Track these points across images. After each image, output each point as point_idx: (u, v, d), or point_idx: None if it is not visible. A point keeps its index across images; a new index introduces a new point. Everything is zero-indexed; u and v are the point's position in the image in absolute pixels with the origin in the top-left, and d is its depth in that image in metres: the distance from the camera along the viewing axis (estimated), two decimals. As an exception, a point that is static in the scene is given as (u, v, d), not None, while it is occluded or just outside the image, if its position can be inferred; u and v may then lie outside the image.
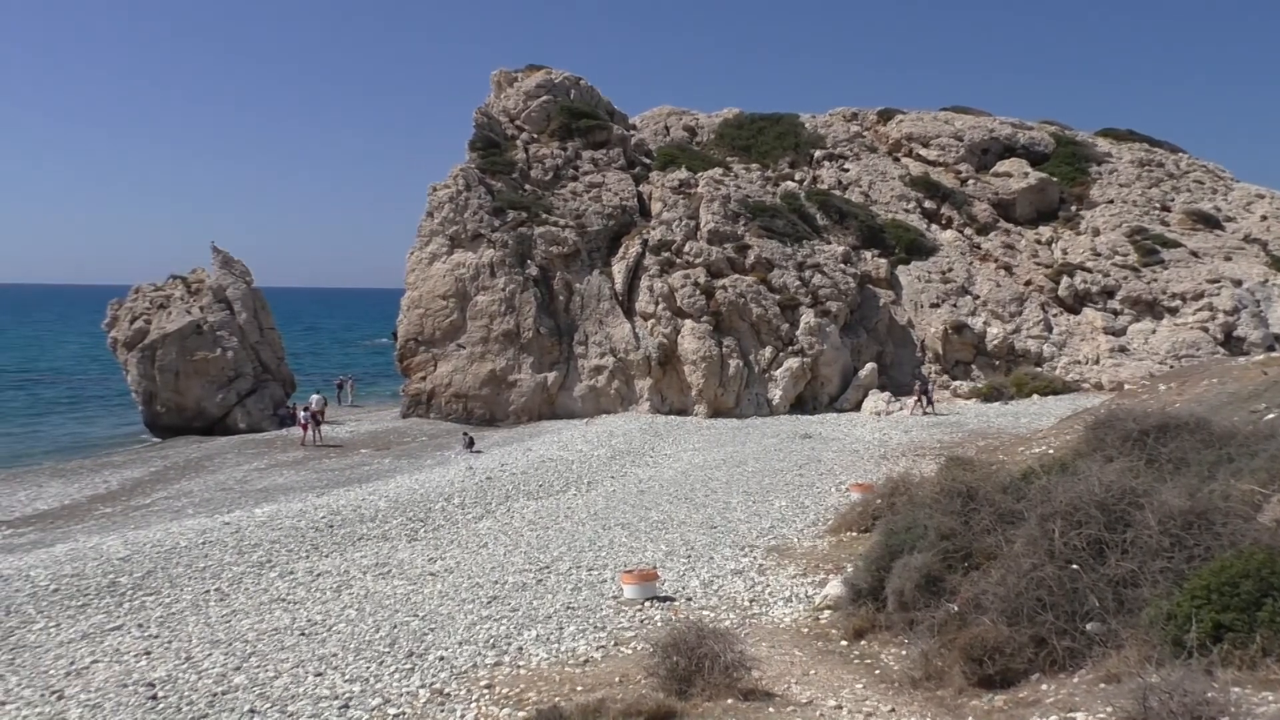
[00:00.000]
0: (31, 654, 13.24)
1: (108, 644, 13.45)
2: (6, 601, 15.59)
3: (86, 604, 15.50)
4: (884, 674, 10.47)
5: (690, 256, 40.72)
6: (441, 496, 23.56)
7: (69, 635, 14.00)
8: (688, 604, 13.78)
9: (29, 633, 14.20)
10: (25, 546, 21.33)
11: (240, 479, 30.21)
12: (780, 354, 39.14)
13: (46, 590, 16.19)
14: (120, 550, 18.85)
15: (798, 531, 18.22)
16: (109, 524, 23.94)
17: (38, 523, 25.02)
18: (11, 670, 12.57)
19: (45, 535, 22.93)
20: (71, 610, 15.21)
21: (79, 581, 16.64)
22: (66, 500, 27.58)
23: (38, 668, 12.61)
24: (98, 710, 10.91)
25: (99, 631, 14.09)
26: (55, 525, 24.50)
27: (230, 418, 41.59)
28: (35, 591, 16.12)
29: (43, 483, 30.63)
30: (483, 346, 40.42)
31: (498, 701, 10.42)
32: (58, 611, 15.14)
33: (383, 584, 15.95)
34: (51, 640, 13.82)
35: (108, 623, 14.51)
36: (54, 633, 14.17)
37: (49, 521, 25.12)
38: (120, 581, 16.62)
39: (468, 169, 43.70)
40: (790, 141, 52.15)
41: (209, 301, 43.71)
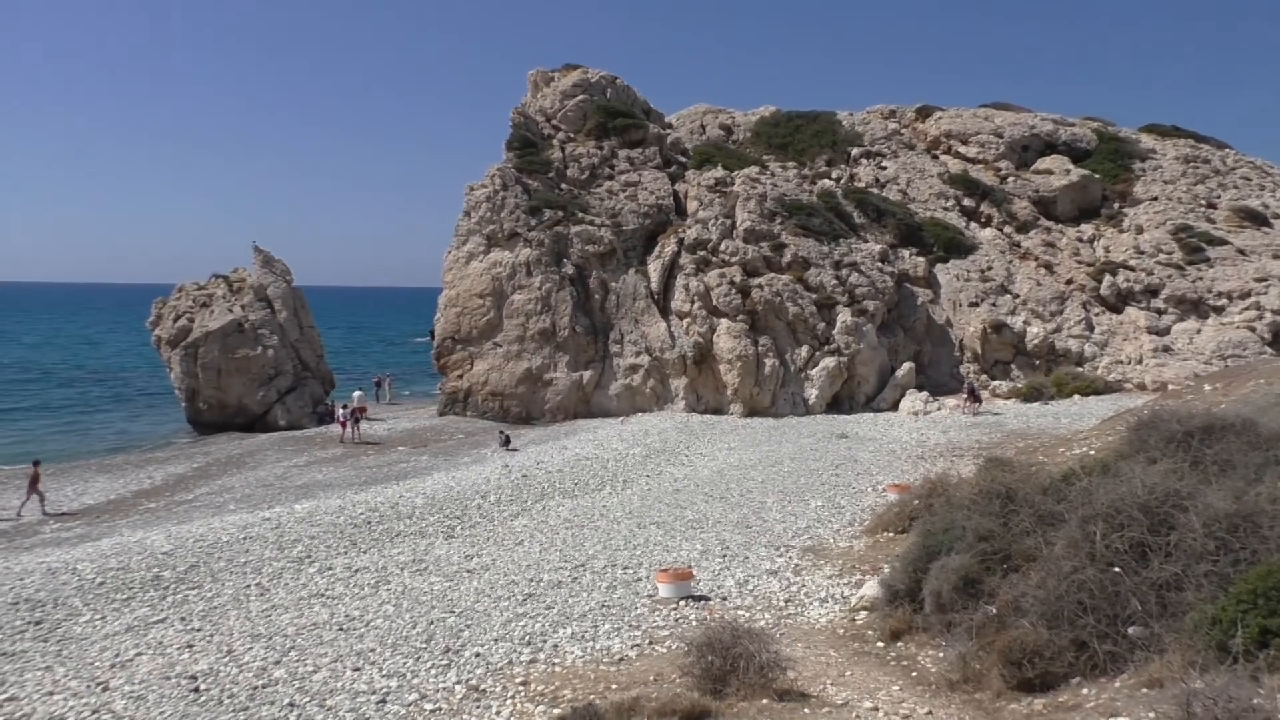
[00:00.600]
0: (78, 646, 13.50)
1: (151, 637, 13.68)
2: (54, 594, 15.91)
3: (131, 597, 15.77)
4: (921, 676, 10.39)
5: (726, 255, 40.63)
6: (478, 494, 23.70)
7: (114, 628, 14.25)
8: (723, 603, 13.76)
9: (75, 625, 14.48)
10: (73, 540, 21.76)
11: (280, 475, 30.59)
12: (816, 353, 38.94)
13: (93, 583, 16.49)
14: (164, 545, 19.16)
15: (834, 532, 18.12)
16: (153, 519, 24.35)
17: (84, 517, 25.51)
18: (59, 661, 12.83)
19: (92, 529, 23.37)
20: (116, 603, 15.48)
21: (124, 575, 16.94)
22: (112, 495, 28.09)
23: (84, 659, 12.85)
24: (141, 702, 11.09)
25: (143, 624, 14.33)
26: (101, 519, 24.96)
27: (270, 415, 42.14)
28: (82, 584, 16.43)
29: (89, 478, 31.23)
30: (519, 345, 40.61)
31: (533, 699, 10.47)
32: (103, 604, 15.42)
33: (420, 580, 16.08)
34: (97, 632, 14.08)
35: (151, 616, 14.75)
36: (99, 625, 14.43)
37: (95, 516, 25.61)
38: (164, 575, 16.90)
39: (505, 168, 43.94)
40: (827, 139, 51.88)
41: (250, 300, 44.32)
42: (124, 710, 10.88)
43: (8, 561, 18.95)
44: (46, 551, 20.06)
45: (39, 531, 23.76)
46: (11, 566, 18.15)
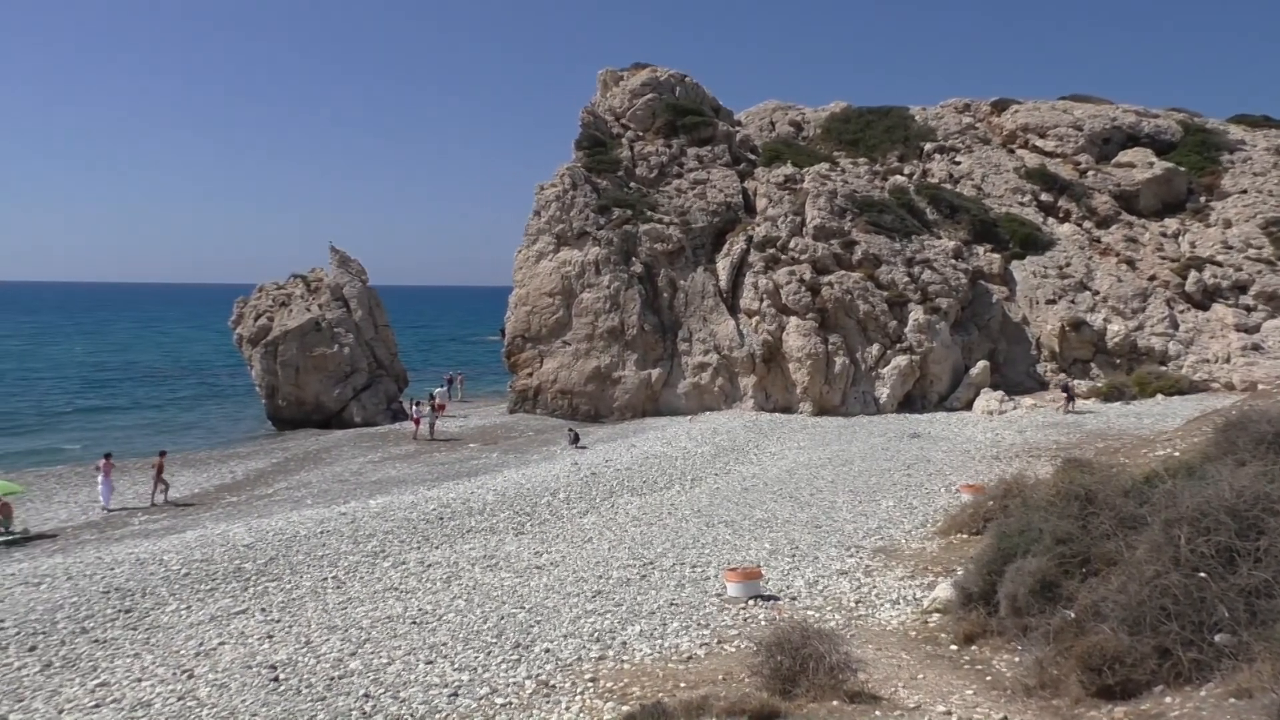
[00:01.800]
0: (164, 634, 13.97)
1: (233, 627, 14.09)
2: (143, 584, 16.47)
3: (214, 588, 16.26)
4: (996, 680, 10.19)
5: (796, 253, 40.30)
6: (547, 491, 23.90)
7: (198, 617, 14.71)
8: (792, 603, 13.66)
9: (162, 614, 14.98)
10: (159, 532, 22.51)
11: (355, 471, 31.24)
12: (888, 351, 38.41)
13: (178, 574, 17.04)
14: (245, 537, 19.71)
15: (905, 532, 17.86)
16: (235, 512, 25.07)
17: (171, 510, 26.38)
18: (147, 649, 13.29)
19: (177, 522, 24.15)
20: (201, 593, 15.97)
21: (207, 566, 17.47)
22: (196, 489, 28.99)
23: (170, 647, 13.29)
24: (224, 690, 11.43)
25: (225, 614, 14.77)
26: (186, 512, 25.79)
27: (346, 412, 43.05)
28: (168, 575, 16.99)
29: (175, 472, 32.23)
30: (588, 343, 40.83)
31: (602, 695, 10.53)
32: (188, 594, 15.93)
33: (490, 576, 16.27)
34: (182, 621, 14.55)
35: (233, 606, 15.19)
36: (185, 614, 14.91)
37: (181, 509, 26.47)
38: (245, 567, 17.38)
39: (574, 168, 44.21)
40: (899, 135, 51.11)
41: (327, 299, 45.33)
42: (208, 698, 11.22)
43: (99, 552, 19.69)
44: (135, 543, 20.78)
45: (128, 523, 24.64)
46: (103, 557, 18.85)
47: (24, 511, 25.42)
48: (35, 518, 25.33)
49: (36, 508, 26.54)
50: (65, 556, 19.63)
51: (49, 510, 26.48)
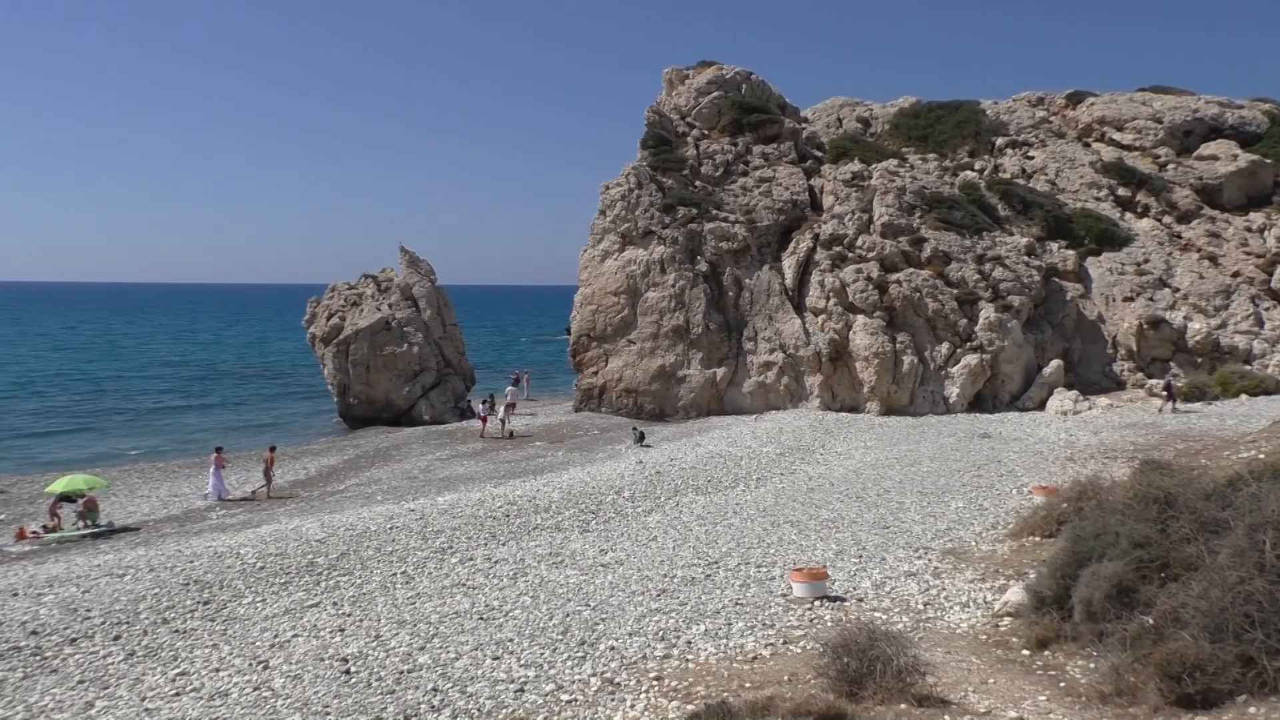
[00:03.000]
0: (241, 626, 14.35)
1: (307, 620, 14.41)
2: (220, 576, 16.94)
3: (288, 581, 16.64)
4: (1069, 687, 9.95)
5: (863, 250, 39.84)
6: (612, 489, 23.99)
7: (273, 610, 15.08)
8: (859, 605, 13.51)
9: (239, 606, 15.39)
10: (236, 526, 23.13)
11: (424, 468, 31.73)
12: (958, 350, 37.76)
13: (254, 568, 17.48)
14: (318, 533, 20.14)
15: (975, 534, 17.54)
16: (308, 507, 25.65)
17: (247, 505, 27.11)
18: (225, 640, 13.67)
19: (253, 517, 24.79)
20: (275, 587, 16.37)
21: (282, 560, 17.89)
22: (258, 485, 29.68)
23: (246, 639, 13.65)
24: (298, 681, 11.69)
25: (299, 608, 15.11)
26: (261, 507, 26.46)
27: (415, 409, 43.75)
28: (244, 568, 17.44)
29: (251, 468, 33.11)
30: (653, 342, 40.88)
31: (666, 694, 10.53)
32: (263, 587, 16.34)
33: (556, 573, 16.38)
34: (258, 614, 14.93)
35: (307, 600, 15.54)
36: (260, 607, 15.30)
37: (256, 504, 27.18)
38: (317, 562, 17.77)
39: (639, 167, 44.30)
40: (970, 129, 50.20)
41: (397, 299, 46.12)
42: (282, 689, 11.49)
43: (179, 545, 20.30)
44: (213, 536, 21.39)
45: (206, 517, 25.38)
46: (183, 550, 19.43)
47: (108, 505, 26.35)
48: (119, 511, 26.24)
49: (120, 501, 27.50)
50: (147, 549, 20.28)
51: (132, 504, 27.41)
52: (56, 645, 13.56)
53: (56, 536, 23.36)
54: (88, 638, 13.87)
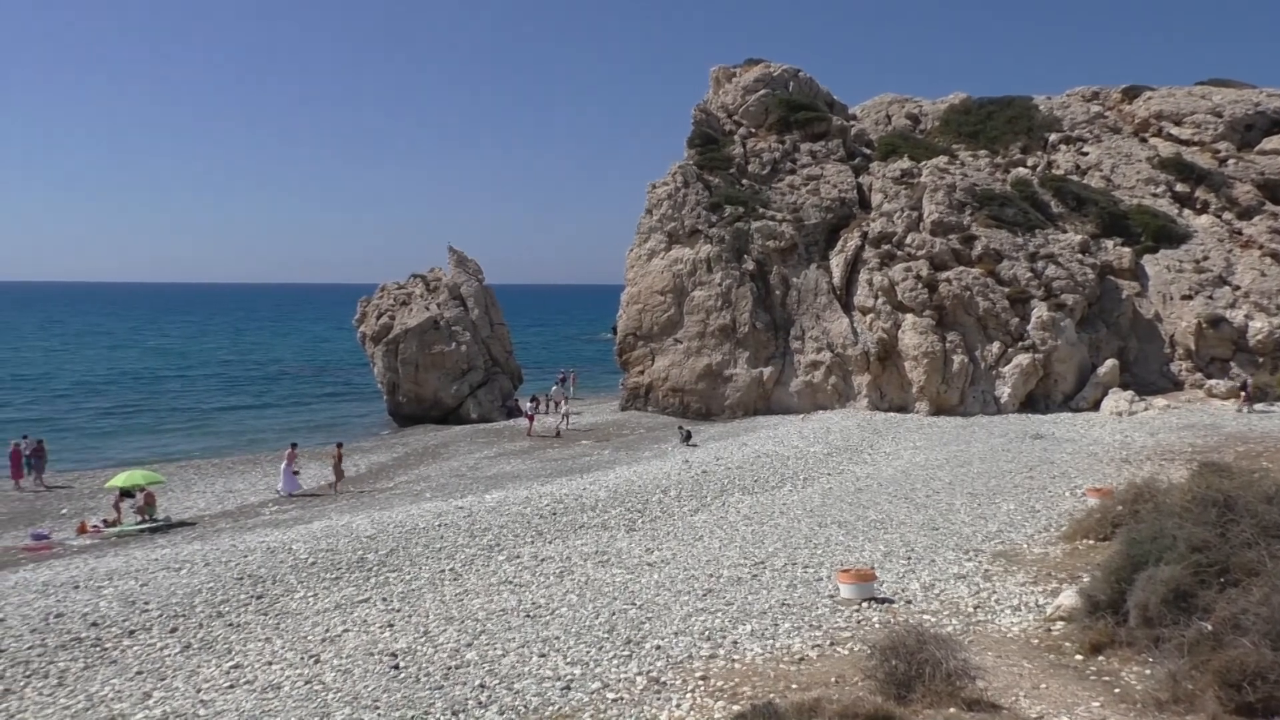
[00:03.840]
0: (293, 620, 14.58)
1: (357, 615, 14.60)
2: (273, 571, 17.23)
3: (339, 577, 16.88)
4: (1124, 693, 9.75)
5: (912, 248, 39.41)
6: (658, 489, 23.99)
7: (324, 605, 15.30)
8: (907, 607, 13.37)
9: (291, 601, 15.64)
10: (288, 522, 23.51)
11: (472, 466, 32.00)
12: (1009, 349, 37.20)
13: (305, 563, 17.76)
14: (368, 529, 20.40)
15: (1027, 537, 17.26)
16: (358, 504, 26.00)
17: (299, 501, 27.55)
18: (277, 634, 13.90)
19: (305, 513, 25.18)
20: (326, 582, 16.61)
21: (332, 556, 18.15)
22: (322, 481, 30.15)
23: (298, 633, 13.86)
24: (348, 675, 11.85)
25: (349, 603, 15.32)
26: (313, 504, 26.87)
27: (463, 408, 44.14)
28: (296, 564, 17.72)
29: (303, 465, 33.63)
30: (699, 341, 40.81)
31: (712, 694, 10.50)
32: (315, 583, 16.58)
33: (602, 571, 16.42)
34: (310, 609, 15.16)
35: (357, 595, 15.74)
36: (311, 602, 15.53)
37: (309, 500, 27.61)
38: (367, 558, 17.99)
39: (686, 166, 44.25)
40: (1022, 125, 49.40)
41: (445, 298, 46.56)
42: (333, 682, 11.66)
43: (234, 540, 20.68)
44: (266, 532, 21.76)
45: (259, 513, 25.83)
46: (237, 545, 19.79)
47: (165, 500, 26.93)
48: (176, 506, 26.82)
49: (177, 497, 28.09)
50: (203, 544, 20.69)
51: (188, 499, 27.99)
52: (116, 637, 13.88)
53: (116, 531, 23.94)
54: (145, 630, 14.18)
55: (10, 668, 12.67)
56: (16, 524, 25.50)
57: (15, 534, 24.22)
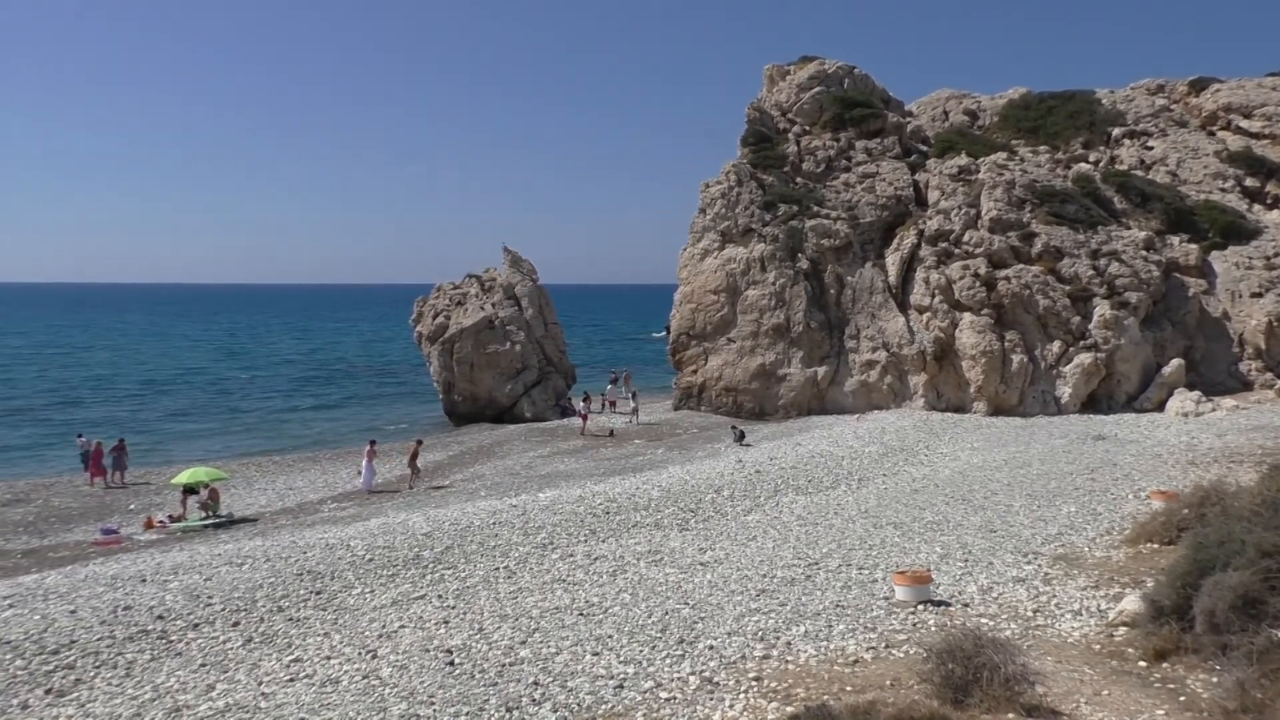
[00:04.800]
0: (351, 616, 14.82)
1: (413, 611, 14.79)
2: (331, 568, 17.53)
3: (395, 574, 17.12)
4: (1190, 701, 9.51)
5: (970, 246, 38.81)
6: (711, 488, 23.94)
7: (381, 601, 15.53)
8: (964, 610, 13.17)
9: (349, 597, 15.90)
10: (346, 519, 23.91)
11: (526, 465, 32.23)
12: (1070, 349, 36.46)
13: (363, 560, 18.04)
14: (423, 527, 20.65)
15: (1089, 540, 16.91)
16: (414, 502, 26.34)
17: (357, 498, 28.00)
18: (336, 629, 14.14)
19: (362, 510, 25.58)
20: (383, 579, 16.85)
21: (389, 553, 18.40)
22: (379, 479, 30.58)
23: (356, 628, 14.09)
24: (404, 670, 12.02)
25: (405, 599, 15.53)
26: (370, 501, 27.29)
27: (517, 407, 44.48)
28: (354, 560, 18.01)
29: (361, 463, 34.19)
30: (753, 340, 40.63)
31: (765, 695, 10.45)
32: (372, 579, 16.84)
33: (655, 571, 16.43)
34: (367, 604, 15.40)
35: (413, 592, 15.95)
36: (369, 598, 15.77)
37: (366, 497, 28.04)
38: (423, 555, 18.21)
39: (739, 164, 44.08)
40: (1084, 120, 48.33)
41: (500, 298, 46.96)
42: (390, 677, 11.83)
43: (294, 536, 21.09)
44: (325, 529, 22.15)
45: (319, 510, 26.30)
46: (297, 541, 20.18)
47: (228, 497, 27.55)
48: (238, 503, 27.43)
49: (239, 493, 28.73)
50: (264, 540, 21.13)
51: (250, 496, 28.60)
52: (181, 630, 14.24)
53: (181, 526, 24.55)
54: (209, 623, 14.52)
55: (81, 658, 13.07)
56: (87, 519, 26.29)
57: (86, 529, 24.98)
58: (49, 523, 25.99)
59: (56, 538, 24.16)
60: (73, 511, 27.43)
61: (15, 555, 22.19)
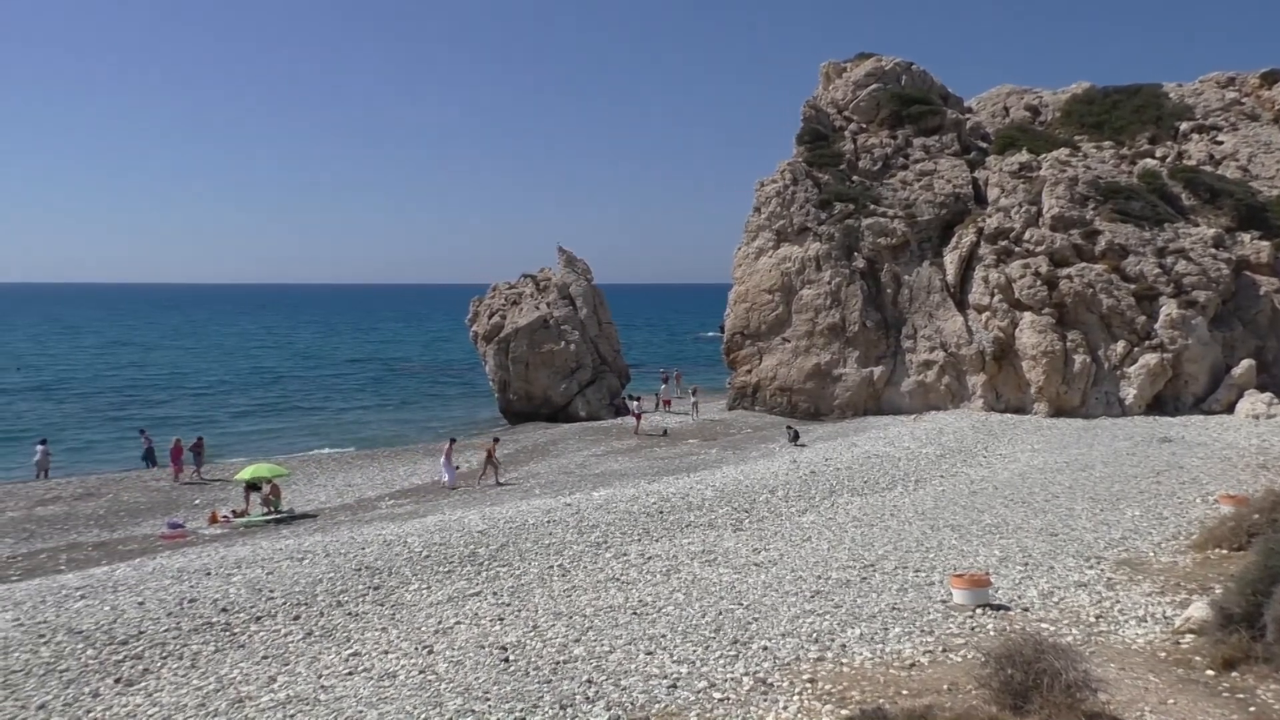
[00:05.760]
0: (408, 611, 15.01)
1: (468, 608, 14.93)
2: (389, 563, 17.77)
3: (451, 570, 17.29)
4: (1260, 712, 9.23)
5: (1031, 244, 38.11)
6: (766, 488, 23.82)
7: (437, 597, 15.70)
8: (1024, 614, 12.94)
9: (406, 592, 16.10)
10: (403, 516, 24.21)
11: (580, 464, 32.36)
12: (1135, 349, 35.63)
13: (420, 556, 18.25)
14: (479, 524, 20.84)
15: (1154, 545, 16.50)
16: (469, 500, 26.59)
17: (414, 495, 28.35)
18: (393, 624, 14.33)
19: (419, 507, 25.89)
20: (439, 575, 17.03)
21: (445, 550, 18.60)
22: (436, 477, 30.94)
23: (412, 624, 14.27)
24: (460, 666, 12.14)
25: (461, 596, 15.68)
26: (427, 498, 27.62)
27: (572, 406, 44.71)
28: (411, 557, 18.23)
29: (417, 460, 34.65)
30: (807, 340, 40.35)
31: (820, 697, 10.37)
32: (428, 575, 17.03)
33: (709, 571, 16.39)
34: (423, 600, 15.58)
35: (468, 589, 16.10)
36: (425, 594, 15.96)
37: (422, 495, 28.39)
38: (479, 552, 18.38)
39: (795, 163, 43.80)
40: (1150, 114, 47.16)
41: (555, 298, 47.25)
42: (445, 673, 11.95)
43: (352, 532, 21.42)
44: (383, 525, 22.46)
45: (376, 506, 26.69)
46: (355, 537, 20.49)
47: (289, 493, 28.08)
48: (299, 499, 27.95)
49: (300, 489, 29.27)
50: (324, 535, 21.49)
51: (310, 492, 29.13)
52: (244, 622, 14.54)
53: (244, 521, 25.10)
54: (271, 616, 14.81)
55: (149, 649, 13.41)
56: (154, 513, 27.00)
57: (153, 523, 25.65)
58: (118, 516, 26.74)
59: (125, 531, 24.85)
60: (141, 506, 28.18)
61: (86, 548, 22.87)
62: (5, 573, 20.14)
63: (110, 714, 11.20)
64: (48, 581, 18.00)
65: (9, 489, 30.73)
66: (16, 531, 24.75)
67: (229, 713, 11.00)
